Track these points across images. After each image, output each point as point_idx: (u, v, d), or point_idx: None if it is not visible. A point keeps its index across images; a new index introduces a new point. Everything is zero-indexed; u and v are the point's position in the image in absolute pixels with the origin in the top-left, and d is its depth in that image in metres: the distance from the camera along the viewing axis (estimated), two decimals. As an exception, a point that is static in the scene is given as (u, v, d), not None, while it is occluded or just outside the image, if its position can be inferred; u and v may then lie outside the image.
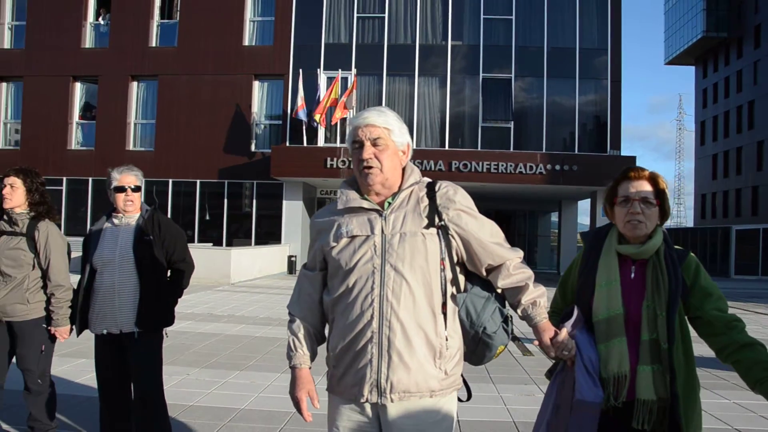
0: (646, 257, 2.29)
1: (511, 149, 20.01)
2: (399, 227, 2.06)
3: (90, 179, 21.32)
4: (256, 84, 20.90)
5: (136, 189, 3.56)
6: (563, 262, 22.36)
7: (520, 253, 2.20)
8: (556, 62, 20.51)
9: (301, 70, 19.51)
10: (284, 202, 20.21)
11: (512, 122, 20.46)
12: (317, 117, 18.83)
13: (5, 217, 3.70)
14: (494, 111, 20.67)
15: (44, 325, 3.70)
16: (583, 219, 28.41)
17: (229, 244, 20.25)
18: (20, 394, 3.81)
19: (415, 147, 10.90)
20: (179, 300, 3.79)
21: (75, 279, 3.70)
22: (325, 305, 2.19)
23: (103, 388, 3.61)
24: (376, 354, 2.02)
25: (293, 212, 20.23)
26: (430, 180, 2.19)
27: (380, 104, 20.52)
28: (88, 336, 3.68)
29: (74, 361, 6.30)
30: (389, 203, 2.12)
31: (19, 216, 3.68)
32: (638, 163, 18.91)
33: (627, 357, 2.21)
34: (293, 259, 19.40)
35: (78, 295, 3.58)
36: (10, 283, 3.62)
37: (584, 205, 23.04)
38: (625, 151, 21.24)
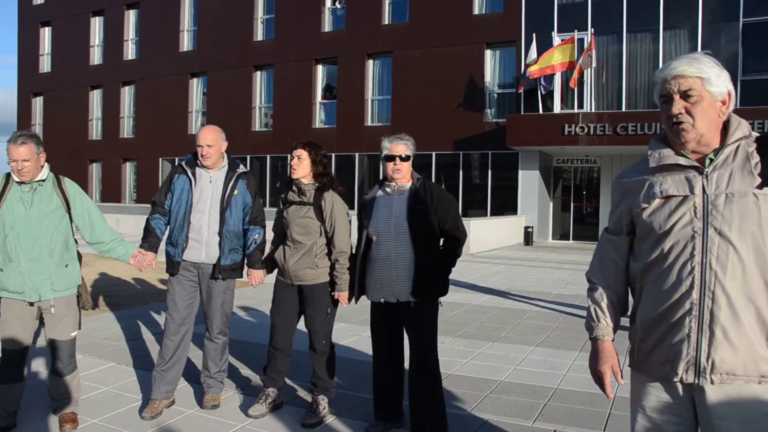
0: None
1: (781, 104, 17.88)
2: (724, 187, 1.85)
3: (333, 155, 23.28)
4: (487, 53, 21.08)
5: (406, 158, 3.66)
6: None
7: None
8: None
9: (534, 35, 19.23)
10: (520, 172, 20.25)
11: (782, 73, 18.24)
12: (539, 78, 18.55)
13: (294, 188, 4.07)
14: (758, 61, 18.54)
15: (330, 290, 4.01)
16: None
17: (465, 215, 20.84)
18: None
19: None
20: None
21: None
22: (632, 272, 2.07)
23: (379, 352, 3.83)
24: (695, 328, 1.85)
25: (529, 182, 20.20)
26: (759, 134, 1.94)
27: (619, 65, 19.55)
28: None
29: (337, 325, 6.73)
30: (710, 160, 1.91)
31: (307, 186, 4.02)
32: None
33: None
34: (530, 230, 19.41)
35: (355, 263, 3.80)
36: (300, 249, 3.97)
37: None
38: None
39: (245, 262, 4.25)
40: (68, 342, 3.85)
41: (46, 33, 31.89)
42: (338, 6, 23.78)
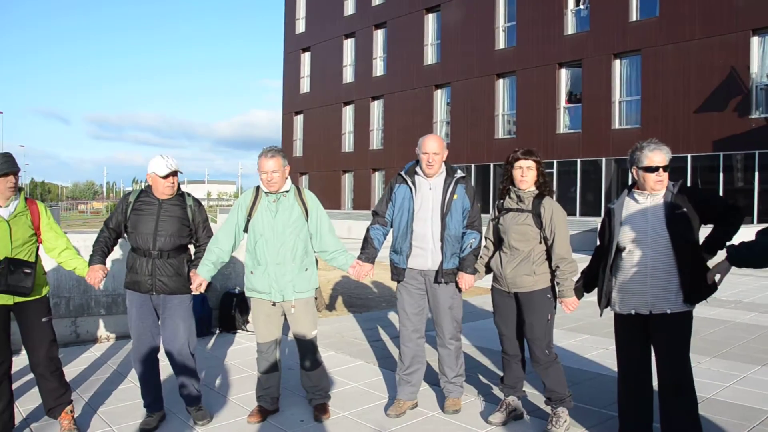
0: None
1: None
2: None
3: (578, 160, 23.48)
4: (754, 40, 19.64)
5: (665, 169, 3.57)
6: None
7: None
8: None
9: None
10: (796, 174, 18.64)
11: None
12: None
13: (512, 195, 4.15)
14: None
15: (548, 296, 4.08)
16: None
17: (727, 221, 19.62)
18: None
19: None
20: None
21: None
22: None
23: (624, 369, 3.71)
24: None
25: (808, 184, 18.50)
26: None
27: None
28: (591, 313, 4.06)
29: (579, 337, 6.80)
30: None
31: (526, 194, 4.10)
32: None
33: None
34: (808, 237, 17.72)
35: (603, 274, 3.71)
36: (518, 256, 4.06)
37: None
38: None
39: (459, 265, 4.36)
40: (310, 340, 4.30)
41: (306, 58, 36.63)
42: (582, 7, 23.88)
